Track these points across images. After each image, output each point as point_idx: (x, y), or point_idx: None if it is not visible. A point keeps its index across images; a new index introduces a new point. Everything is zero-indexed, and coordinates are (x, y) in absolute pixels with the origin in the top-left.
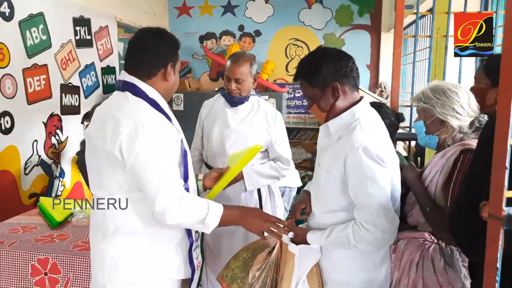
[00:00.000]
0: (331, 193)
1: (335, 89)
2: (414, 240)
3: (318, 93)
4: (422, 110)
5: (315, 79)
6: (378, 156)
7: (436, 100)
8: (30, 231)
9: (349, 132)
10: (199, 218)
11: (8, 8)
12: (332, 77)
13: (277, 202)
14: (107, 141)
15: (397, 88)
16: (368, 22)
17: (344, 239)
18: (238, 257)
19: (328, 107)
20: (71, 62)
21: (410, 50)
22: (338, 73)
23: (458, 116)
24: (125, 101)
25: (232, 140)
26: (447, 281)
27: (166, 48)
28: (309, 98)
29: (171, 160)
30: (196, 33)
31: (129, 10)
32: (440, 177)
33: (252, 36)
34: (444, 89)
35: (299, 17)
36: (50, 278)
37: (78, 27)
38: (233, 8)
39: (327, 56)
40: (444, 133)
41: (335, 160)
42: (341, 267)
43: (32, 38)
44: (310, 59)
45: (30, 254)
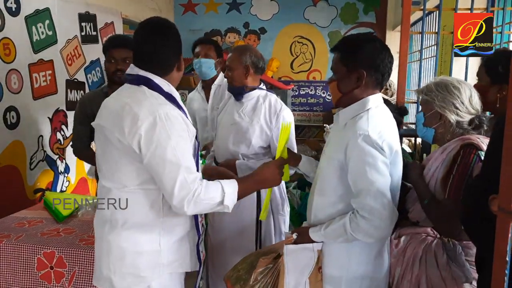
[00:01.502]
0: (330, 181)
1: (360, 77)
2: (416, 236)
3: (344, 72)
4: (424, 102)
5: (348, 58)
6: (379, 144)
7: (437, 93)
8: (36, 225)
9: (355, 121)
10: (217, 201)
11: (14, 3)
12: (364, 65)
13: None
14: (125, 134)
15: (403, 84)
16: (373, 20)
17: (341, 229)
18: (246, 259)
19: (346, 90)
20: (77, 58)
21: (415, 48)
22: (372, 64)
23: (457, 111)
24: (142, 94)
25: (233, 134)
26: (451, 276)
27: (177, 41)
28: (335, 73)
29: (188, 154)
30: (201, 30)
31: (135, 6)
32: (440, 172)
33: (257, 33)
34: (447, 84)
35: (304, 14)
36: (56, 272)
37: (83, 23)
38: (238, 5)
39: (373, 44)
40: (441, 127)
41: (336, 147)
42: (334, 261)
43: (38, 33)
44: (356, 37)
45: (36, 248)
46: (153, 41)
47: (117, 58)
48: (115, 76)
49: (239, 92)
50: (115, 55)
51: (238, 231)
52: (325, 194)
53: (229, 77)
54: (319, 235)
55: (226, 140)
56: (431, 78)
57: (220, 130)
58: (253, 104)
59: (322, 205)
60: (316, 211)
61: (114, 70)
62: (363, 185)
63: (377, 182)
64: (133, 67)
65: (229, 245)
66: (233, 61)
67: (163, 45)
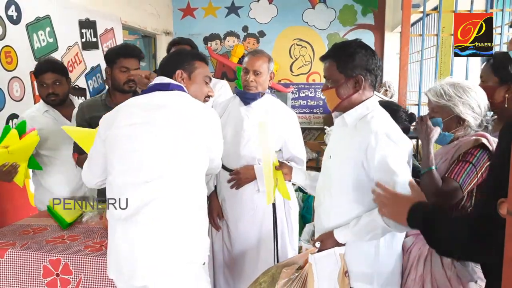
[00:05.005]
0: (345, 182)
1: (359, 81)
2: (422, 236)
3: (342, 79)
4: (441, 107)
5: (346, 65)
6: (399, 141)
7: (458, 98)
8: (41, 232)
9: (366, 122)
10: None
11: (15, 11)
12: (361, 69)
13: (291, 203)
14: (194, 133)
15: (404, 87)
16: (371, 22)
17: (372, 224)
18: (267, 272)
19: (345, 95)
20: (78, 65)
21: (414, 49)
22: (368, 68)
23: (475, 116)
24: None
25: (246, 140)
26: (456, 276)
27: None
28: (331, 80)
29: None
30: (200, 34)
31: (134, 12)
32: (446, 162)
33: (256, 36)
34: (464, 88)
35: (303, 17)
36: (61, 279)
37: (84, 29)
38: (237, 9)
39: (364, 49)
40: (461, 130)
41: (351, 150)
42: (363, 259)
43: (39, 41)
44: (347, 44)
45: (42, 255)
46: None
47: (129, 68)
48: (125, 85)
49: (254, 97)
50: (127, 64)
51: (256, 243)
52: (341, 196)
53: (255, 81)
54: (347, 234)
55: (237, 145)
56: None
57: (227, 135)
58: (262, 108)
59: (338, 208)
60: (332, 214)
61: (126, 80)
62: (389, 178)
63: (403, 173)
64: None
65: (248, 257)
66: (263, 67)
67: None
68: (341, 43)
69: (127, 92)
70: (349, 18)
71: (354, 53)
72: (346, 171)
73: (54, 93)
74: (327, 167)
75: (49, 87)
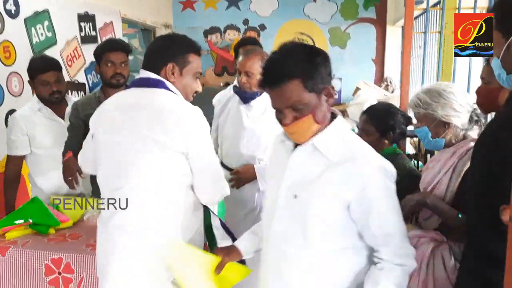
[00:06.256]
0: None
1: (330, 93)
2: (423, 240)
3: (314, 99)
4: (423, 116)
5: (314, 81)
6: (394, 176)
7: (436, 104)
8: None
9: (353, 152)
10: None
11: (13, 5)
12: (327, 78)
13: None
14: (166, 133)
15: (406, 85)
16: (373, 16)
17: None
18: None
19: (321, 116)
20: (77, 59)
21: (415, 45)
22: (330, 73)
23: (459, 114)
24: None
25: (246, 139)
26: None
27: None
28: (302, 107)
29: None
30: (201, 28)
31: (133, 5)
32: (454, 176)
33: (257, 30)
34: (439, 91)
35: (304, 11)
36: (63, 278)
37: (83, 23)
38: (237, 2)
39: (319, 52)
40: (450, 133)
41: (338, 190)
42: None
43: (37, 35)
44: (303, 53)
45: (44, 254)
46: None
47: (114, 61)
48: (112, 79)
49: (252, 96)
50: (112, 58)
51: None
52: (321, 243)
53: (247, 82)
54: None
55: (237, 144)
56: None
57: (227, 134)
58: (263, 107)
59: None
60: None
61: (112, 74)
62: (392, 229)
63: (402, 221)
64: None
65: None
66: (254, 68)
67: None
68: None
69: (117, 87)
70: (350, 11)
71: (316, 61)
72: (329, 215)
73: (58, 91)
74: (295, 211)
75: (52, 85)
